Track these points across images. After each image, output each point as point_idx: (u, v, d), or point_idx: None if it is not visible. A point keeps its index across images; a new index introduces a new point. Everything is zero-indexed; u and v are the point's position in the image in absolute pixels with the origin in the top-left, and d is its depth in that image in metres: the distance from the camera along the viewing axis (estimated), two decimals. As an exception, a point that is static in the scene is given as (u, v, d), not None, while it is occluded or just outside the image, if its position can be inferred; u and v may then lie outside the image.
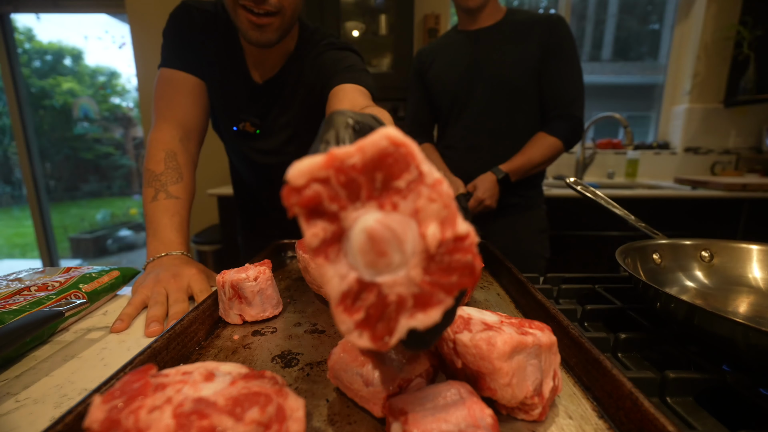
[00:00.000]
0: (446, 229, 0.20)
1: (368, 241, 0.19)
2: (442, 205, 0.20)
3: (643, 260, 0.54)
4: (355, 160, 0.19)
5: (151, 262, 0.56)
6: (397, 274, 0.20)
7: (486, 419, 0.22)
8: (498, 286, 0.55)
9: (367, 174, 0.20)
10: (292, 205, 0.19)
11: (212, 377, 0.23)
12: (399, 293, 0.20)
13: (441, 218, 0.20)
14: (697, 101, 2.14)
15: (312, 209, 0.19)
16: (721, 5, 2.02)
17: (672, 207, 1.67)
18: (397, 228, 0.19)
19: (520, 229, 1.07)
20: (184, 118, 0.70)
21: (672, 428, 0.22)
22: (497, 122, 1.02)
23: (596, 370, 0.30)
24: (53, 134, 3.62)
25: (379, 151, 0.20)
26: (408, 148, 0.20)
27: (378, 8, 1.90)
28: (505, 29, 0.99)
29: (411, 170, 0.20)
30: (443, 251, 0.20)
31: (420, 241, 0.20)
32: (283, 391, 0.23)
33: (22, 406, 0.32)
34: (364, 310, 0.20)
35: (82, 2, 2.23)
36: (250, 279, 0.44)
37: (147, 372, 0.23)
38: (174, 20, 0.71)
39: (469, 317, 0.29)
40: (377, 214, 0.20)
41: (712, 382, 0.34)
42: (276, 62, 0.74)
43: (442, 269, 0.20)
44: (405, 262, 0.20)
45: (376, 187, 0.20)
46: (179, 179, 0.65)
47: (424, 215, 0.20)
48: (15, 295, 0.45)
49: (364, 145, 0.20)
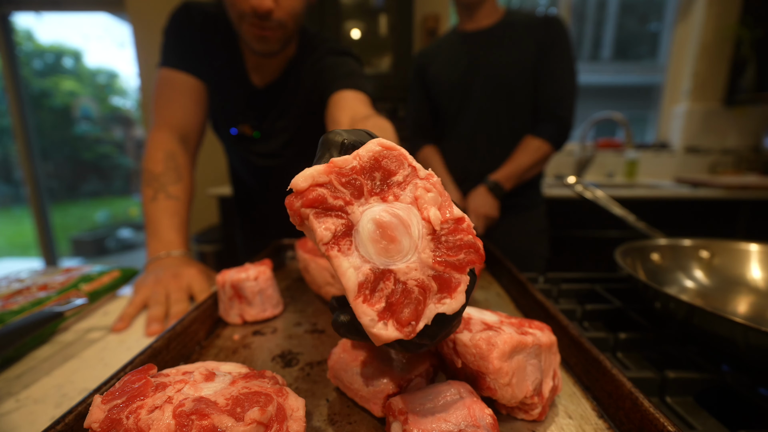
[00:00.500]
0: (445, 211, 0.22)
1: (377, 228, 0.20)
2: (438, 193, 0.22)
3: (643, 260, 0.54)
4: (353, 164, 0.22)
5: (152, 262, 0.56)
6: (409, 260, 0.21)
7: (486, 419, 0.22)
8: (498, 286, 0.55)
9: (366, 174, 0.22)
10: (297, 209, 0.21)
11: (212, 377, 0.23)
12: (417, 279, 0.21)
13: (438, 204, 0.22)
14: (697, 101, 2.14)
15: (319, 208, 0.21)
16: (721, 5, 2.02)
17: (672, 207, 1.67)
18: (402, 214, 0.21)
19: (520, 229, 1.07)
20: (183, 119, 0.70)
21: (672, 428, 0.22)
22: (496, 122, 1.02)
23: (596, 369, 0.30)
24: (53, 134, 3.63)
25: (373, 155, 0.22)
26: (399, 150, 0.22)
27: (378, 8, 1.90)
28: (503, 30, 0.99)
29: (405, 166, 0.22)
30: (446, 232, 0.22)
31: (425, 225, 0.21)
32: (283, 391, 0.23)
33: (23, 405, 0.32)
34: (384, 299, 0.20)
35: (82, 2, 2.23)
36: (251, 279, 0.44)
37: (147, 372, 0.23)
38: (174, 20, 0.71)
39: (469, 317, 0.29)
40: (382, 205, 0.21)
41: (711, 382, 0.34)
42: (276, 67, 0.74)
43: (449, 248, 0.21)
44: (414, 245, 0.21)
45: (377, 184, 0.22)
46: (178, 180, 0.65)
47: (423, 202, 0.22)
48: (15, 295, 0.45)
49: (359, 153, 0.22)
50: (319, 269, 0.48)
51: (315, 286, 0.50)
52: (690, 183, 1.89)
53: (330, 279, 0.47)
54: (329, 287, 0.48)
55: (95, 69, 4.03)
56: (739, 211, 1.67)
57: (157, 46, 0.73)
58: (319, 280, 0.48)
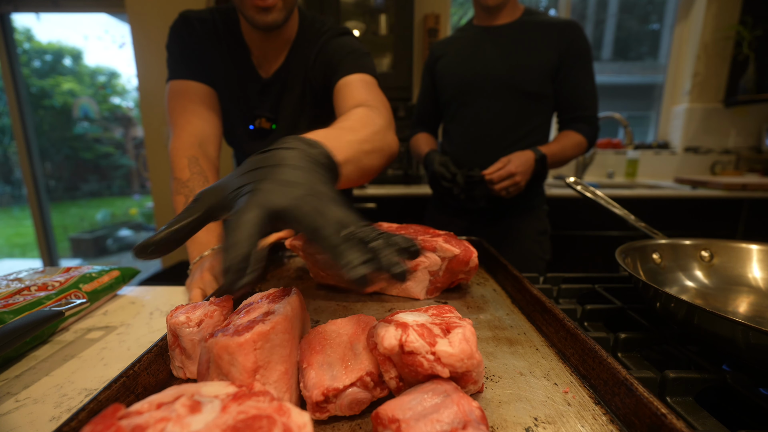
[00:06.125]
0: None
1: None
2: None
3: (643, 260, 0.54)
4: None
5: (194, 264, 0.60)
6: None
7: (474, 412, 0.23)
8: (494, 282, 0.55)
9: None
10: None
11: (198, 406, 0.19)
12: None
13: None
14: (697, 101, 2.14)
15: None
16: (721, 5, 2.02)
17: (672, 207, 1.67)
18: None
19: (521, 231, 1.06)
20: (200, 125, 0.71)
21: (664, 410, 0.23)
22: (499, 120, 1.01)
23: (592, 359, 0.31)
24: (53, 134, 3.62)
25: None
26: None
27: (378, 8, 1.90)
28: (521, 29, 0.99)
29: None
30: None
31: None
32: (282, 408, 0.20)
33: (22, 405, 0.32)
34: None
35: (82, 2, 2.22)
36: (192, 324, 0.32)
37: (113, 415, 0.18)
38: (175, 32, 0.73)
39: (405, 323, 0.28)
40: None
41: (712, 381, 0.34)
42: (279, 53, 0.75)
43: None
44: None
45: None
46: (205, 183, 0.67)
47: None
48: (15, 295, 0.45)
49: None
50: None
51: (322, 273, 0.51)
52: (690, 183, 1.89)
53: None
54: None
55: (95, 69, 4.03)
56: (739, 211, 1.67)
57: (157, 46, 0.73)
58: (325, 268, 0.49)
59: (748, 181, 1.70)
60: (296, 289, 0.34)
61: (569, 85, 0.99)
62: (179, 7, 1.44)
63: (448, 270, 0.47)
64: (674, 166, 2.19)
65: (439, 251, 0.46)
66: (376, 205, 1.72)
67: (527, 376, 0.32)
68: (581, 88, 0.99)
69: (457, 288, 0.52)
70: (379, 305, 0.47)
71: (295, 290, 0.33)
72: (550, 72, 0.97)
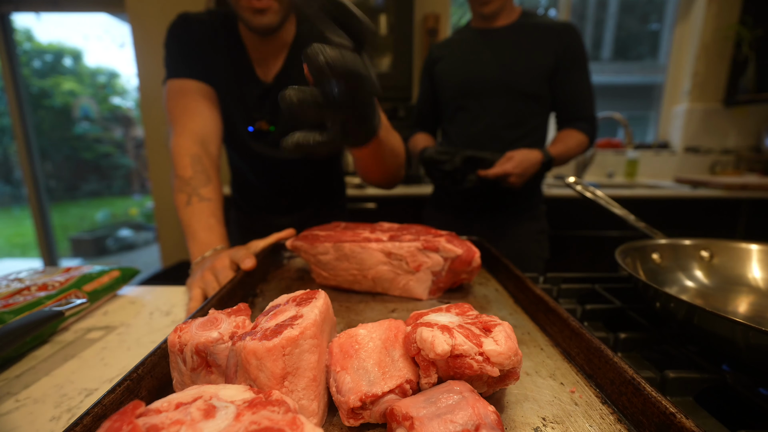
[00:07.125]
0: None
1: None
2: None
3: (643, 260, 0.54)
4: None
5: (195, 264, 0.59)
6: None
7: (490, 416, 0.22)
8: (496, 282, 0.55)
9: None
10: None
11: (213, 411, 0.20)
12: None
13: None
14: (697, 101, 2.14)
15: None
16: (721, 5, 2.02)
17: (672, 207, 1.67)
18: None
19: (520, 230, 1.07)
20: (201, 123, 0.71)
21: (673, 409, 0.23)
22: (497, 121, 1.02)
23: (598, 358, 0.31)
24: (53, 134, 3.63)
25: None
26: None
27: (378, 8, 1.90)
28: (518, 31, 0.99)
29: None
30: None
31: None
32: (296, 422, 0.19)
33: (22, 405, 0.32)
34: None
35: (82, 2, 2.23)
36: (225, 339, 0.27)
37: (133, 412, 0.19)
38: (174, 32, 0.73)
39: (447, 326, 0.28)
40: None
41: (711, 381, 0.34)
42: (277, 55, 0.75)
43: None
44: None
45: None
46: (208, 181, 0.67)
47: None
48: (15, 295, 0.45)
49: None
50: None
51: (324, 274, 0.51)
52: (690, 183, 1.89)
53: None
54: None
55: (95, 69, 4.03)
56: (739, 211, 1.67)
57: (157, 46, 0.73)
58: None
59: (747, 181, 1.70)
60: (323, 292, 0.32)
61: (567, 87, 1.00)
62: (179, 8, 1.44)
63: (451, 270, 0.47)
64: (674, 166, 2.19)
65: (441, 251, 0.46)
66: (376, 205, 1.72)
67: (533, 376, 0.32)
68: (579, 90, 1.00)
69: (459, 288, 0.52)
70: (381, 306, 0.47)
71: (323, 294, 0.32)
72: (547, 74, 0.98)
